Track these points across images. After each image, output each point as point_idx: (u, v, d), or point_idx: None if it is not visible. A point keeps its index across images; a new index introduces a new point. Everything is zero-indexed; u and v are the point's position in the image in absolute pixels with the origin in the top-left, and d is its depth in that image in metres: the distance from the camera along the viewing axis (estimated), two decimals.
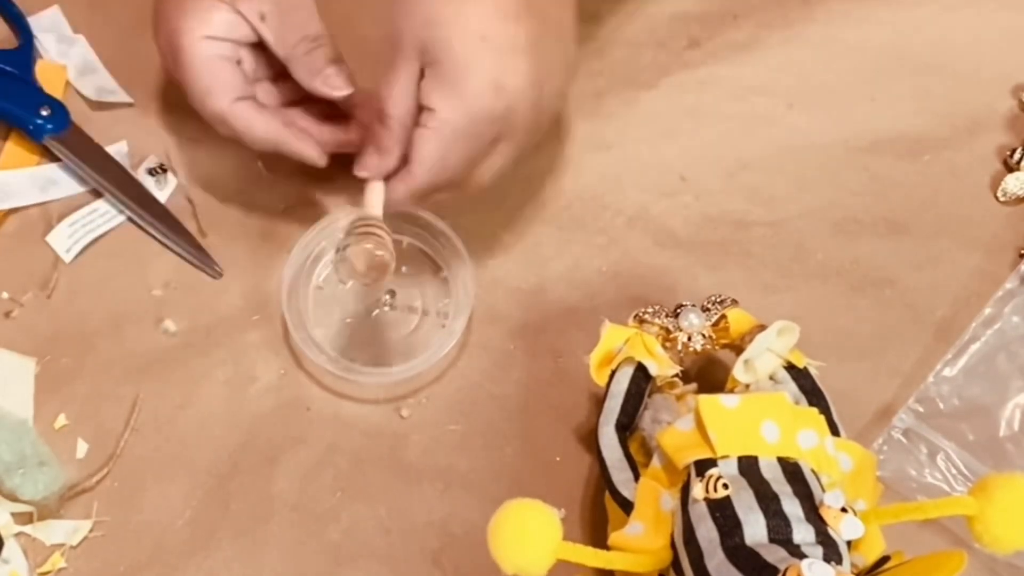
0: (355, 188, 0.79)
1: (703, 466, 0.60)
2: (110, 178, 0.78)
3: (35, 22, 0.84)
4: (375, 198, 0.69)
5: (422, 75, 0.66)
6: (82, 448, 0.71)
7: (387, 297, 0.76)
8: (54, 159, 0.79)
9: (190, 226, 0.78)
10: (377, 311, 0.76)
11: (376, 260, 0.66)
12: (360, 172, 0.69)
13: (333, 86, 0.72)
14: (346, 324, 0.75)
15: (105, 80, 0.82)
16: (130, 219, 0.78)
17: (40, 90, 0.80)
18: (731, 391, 0.68)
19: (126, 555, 0.69)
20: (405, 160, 0.68)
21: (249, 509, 0.70)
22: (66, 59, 0.82)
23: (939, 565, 0.56)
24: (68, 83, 0.82)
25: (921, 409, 0.72)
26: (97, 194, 0.78)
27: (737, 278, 0.77)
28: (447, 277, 0.76)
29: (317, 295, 0.76)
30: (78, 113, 0.80)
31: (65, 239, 0.77)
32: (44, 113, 0.79)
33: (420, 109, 0.67)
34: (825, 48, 0.85)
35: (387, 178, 0.69)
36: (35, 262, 0.77)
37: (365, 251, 0.66)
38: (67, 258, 0.76)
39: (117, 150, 0.80)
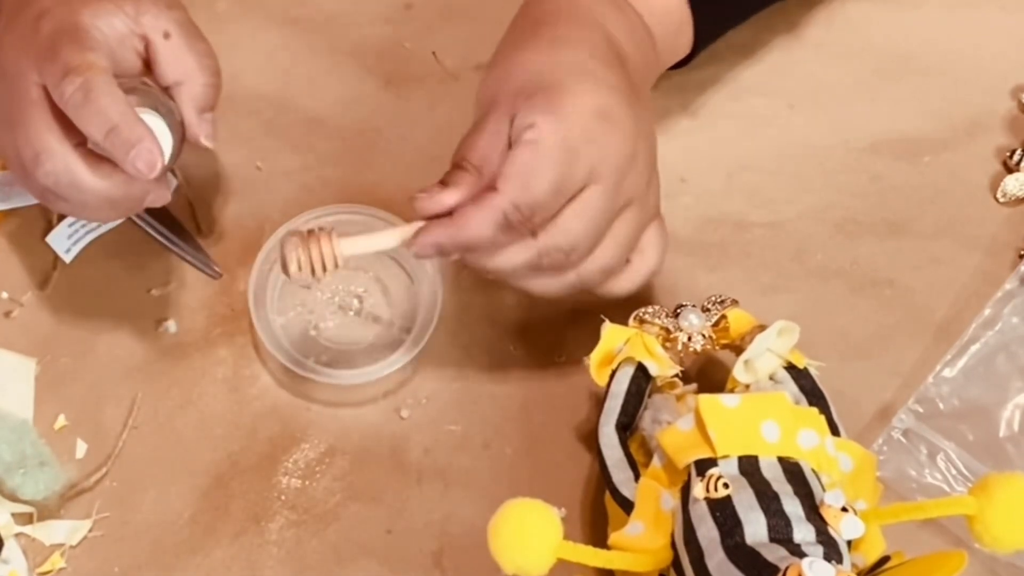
0: (353, 190, 0.80)
1: (703, 466, 0.61)
2: None
3: None
4: (382, 237, 0.66)
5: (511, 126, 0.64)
6: (81, 448, 0.71)
7: (355, 303, 0.76)
8: None
9: (190, 227, 0.78)
10: (342, 314, 0.76)
11: (284, 253, 0.64)
12: (417, 202, 0.64)
13: (209, 134, 0.69)
14: (309, 323, 0.75)
15: None
16: (130, 219, 0.78)
17: None
18: (731, 391, 0.68)
19: (125, 555, 0.69)
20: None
21: (249, 509, 0.70)
22: None
23: (939, 565, 0.56)
24: None
25: (921, 409, 0.72)
26: None
27: (737, 278, 0.77)
28: (416, 291, 0.76)
29: (285, 290, 0.76)
30: None
31: (65, 239, 0.77)
32: None
33: (510, 144, 0.63)
34: (825, 49, 0.85)
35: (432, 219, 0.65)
36: (35, 262, 0.77)
37: (287, 240, 0.64)
38: (67, 258, 0.76)
39: None
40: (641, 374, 0.67)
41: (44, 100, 0.64)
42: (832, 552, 0.57)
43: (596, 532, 0.69)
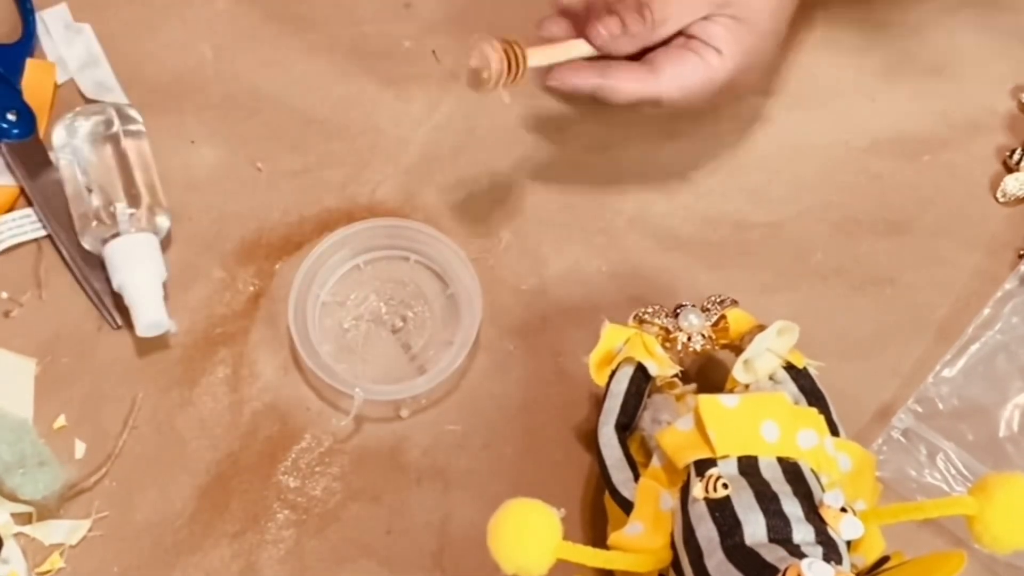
0: (353, 190, 0.80)
1: (703, 466, 0.61)
2: (47, 203, 0.77)
3: (47, 15, 0.84)
4: (563, 50, 0.69)
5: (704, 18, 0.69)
6: (81, 448, 0.71)
7: (399, 322, 0.76)
8: None
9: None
10: (383, 325, 0.76)
11: (474, 63, 0.67)
12: (597, 33, 0.68)
13: None
14: (350, 339, 0.75)
15: (106, 76, 0.82)
16: (53, 243, 0.77)
17: (17, 93, 0.79)
18: (731, 391, 0.68)
19: (125, 555, 0.69)
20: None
21: (249, 508, 0.70)
22: (70, 48, 0.82)
23: (939, 565, 0.56)
24: (56, 85, 0.81)
25: (920, 409, 0.72)
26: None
27: (737, 278, 0.77)
28: (453, 294, 0.76)
29: (325, 310, 0.76)
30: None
31: None
32: (11, 117, 0.78)
33: (686, 37, 0.69)
34: (825, 49, 0.85)
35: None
36: (33, 261, 0.77)
37: (478, 51, 0.67)
38: None
39: None
40: (641, 374, 0.67)
41: None
42: (831, 552, 0.57)
43: (596, 532, 0.69)
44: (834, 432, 0.66)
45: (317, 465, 0.72)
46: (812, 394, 0.67)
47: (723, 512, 0.58)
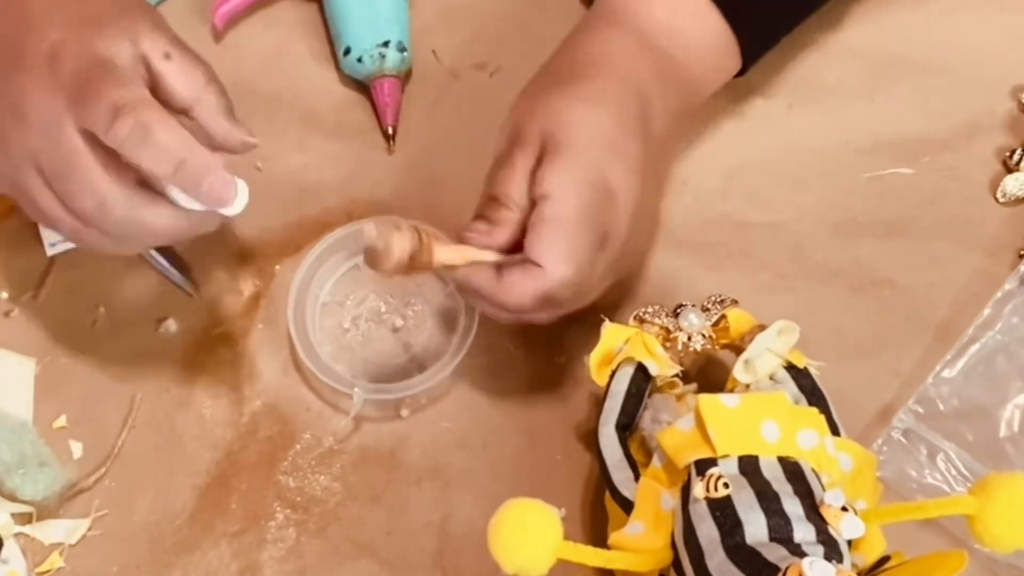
0: (353, 190, 0.80)
1: (704, 465, 0.61)
2: None
3: None
4: (470, 253, 0.66)
5: (537, 165, 0.66)
6: (81, 448, 0.72)
7: (399, 321, 0.76)
8: None
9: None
10: (383, 324, 0.76)
11: (375, 246, 0.63)
12: (471, 240, 0.66)
13: (250, 132, 0.65)
14: (349, 339, 0.75)
15: None
16: None
17: None
18: (731, 391, 0.68)
19: (124, 554, 0.69)
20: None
21: (248, 508, 0.70)
22: None
23: (939, 565, 0.56)
24: None
25: (921, 410, 0.72)
26: None
27: (737, 278, 0.77)
28: (452, 293, 0.76)
29: (324, 310, 0.76)
30: None
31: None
32: None
33: (533, 204, 0.65)
34: (825, 50, 0.85)
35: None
36: (35, 262, 0.77)
37: (385, 235, 0.63)
38: (49, 251, 0.76)
39: None
40: (641, 374, 0.67)
41: (89, 145, 0.60)
42: (832, 552, 0.57)
43: (596, 532, 0.69)
44: (834, 432, 0.66)
45: (317, 465, 0.72)
46: (812, 394, 0.67)
47: (724, 512, 0.58)
